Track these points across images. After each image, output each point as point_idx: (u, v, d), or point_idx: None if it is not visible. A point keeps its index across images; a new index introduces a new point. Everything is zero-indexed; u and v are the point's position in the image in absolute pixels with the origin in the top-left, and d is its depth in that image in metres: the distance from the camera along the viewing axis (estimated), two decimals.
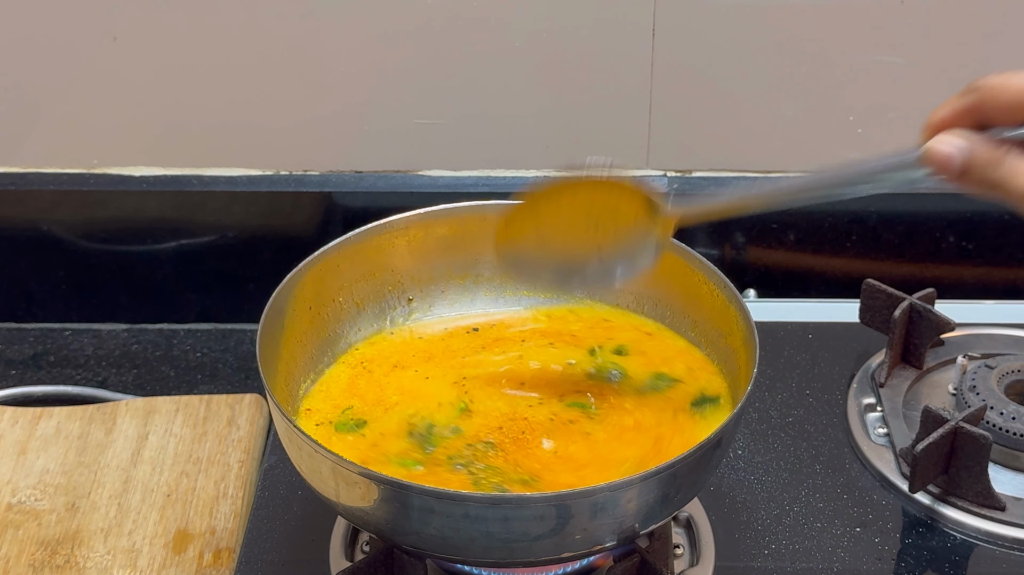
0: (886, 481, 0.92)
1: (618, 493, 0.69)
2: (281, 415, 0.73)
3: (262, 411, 1.06)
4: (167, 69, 1.12)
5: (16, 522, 0.95)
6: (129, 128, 1.15)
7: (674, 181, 1.15)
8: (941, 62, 1.09)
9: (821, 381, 1.02)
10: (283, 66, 1.11)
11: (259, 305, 0.80)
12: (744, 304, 0.80)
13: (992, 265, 1.17)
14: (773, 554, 0.87)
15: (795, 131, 1.13)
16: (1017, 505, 0.89)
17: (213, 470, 1.00)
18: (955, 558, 0.86)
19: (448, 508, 0.68)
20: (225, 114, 1.14)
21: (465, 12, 1.08)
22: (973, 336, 1.04)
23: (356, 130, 1.14)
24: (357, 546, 0.87)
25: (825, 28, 1.08)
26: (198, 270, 1.20)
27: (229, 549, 0.93)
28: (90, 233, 1.19)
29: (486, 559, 0.73)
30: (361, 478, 0.69)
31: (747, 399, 0.74)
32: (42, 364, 1.18)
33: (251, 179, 1.16)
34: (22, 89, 1.13)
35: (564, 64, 1.11)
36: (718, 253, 1.18)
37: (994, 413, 0.92)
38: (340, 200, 1.16)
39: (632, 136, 1.14)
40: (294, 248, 0.88)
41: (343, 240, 0.87)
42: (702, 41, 1.09)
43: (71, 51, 1.11)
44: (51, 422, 1.05)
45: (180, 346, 1.20)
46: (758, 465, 0.94)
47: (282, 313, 0.82)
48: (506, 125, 1.14)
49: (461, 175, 1.16)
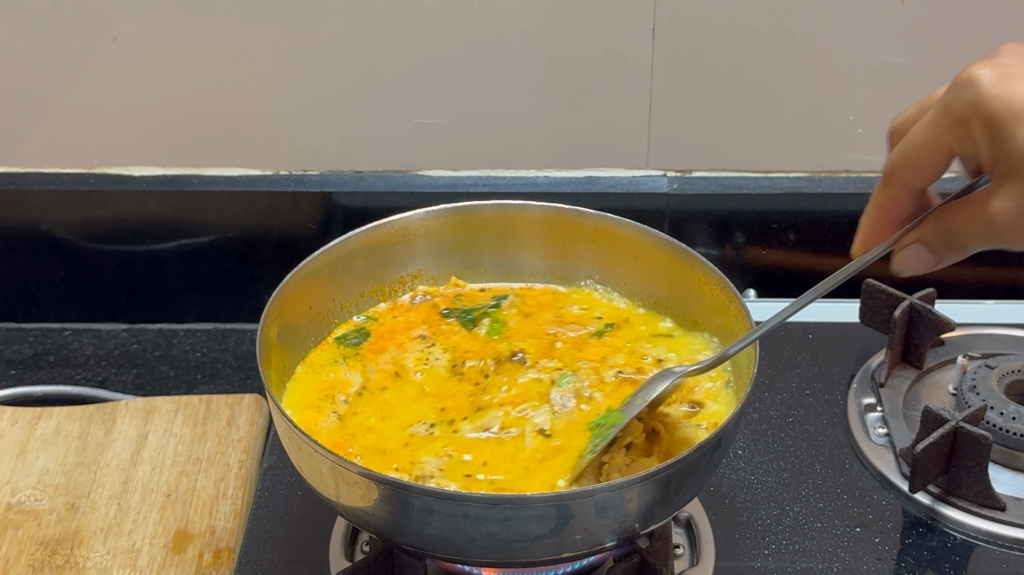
0: (886, 481, 0.92)
1: (618, 493, 0.69)
2: (281, 415, 0.73)
3: (262, 411, 1.06)
4: (167, 69, 1.12)
5: (16, 522, 0.95)
6: (129, 128, 1.15)
7: (674, 181, 1.16)
8: (941, 62, 1.09)
9: (821, 381, 1.02)
10: (283, 66, 1.11)
11: (259, 305, 0.80)
12: (744, 304, 0.80)
13: (992, 265, 1.17)
14: (773, 554, 0.87)
15: (795, 131, 1.13)
16: (1017, 505, 0.89)
17: (213, 470, 1.00)
18: (955, 558, 0.86)
19: (448, 508, 0.68)
20: (225, 114, 1.14)
21: (465, 12, 1.08)
22: (973, 336, 1.04)
23: (356, 130, 1.14)
24: (357, 546, 0.87)
25: (825, 28, 1.08)
26: (198, 270, 1.20)
27: (229, 549, 0.93)
28: (90, 233, 1.19)
29: (486, 559, 0.73)
30: (361, 478, 0.69)
31: (747, 399, 0.74)
32: (42, 364, 1.18)
33: (251, 179, 1.16)
34: (22, 89, 1.13)
35: (564, 64, 1.11)
36: (718, 253, 1.18)
37: (994, 413, 0.92)
38: (340, 200, 1.16)
39: (632, 136, 1.14)
40: (294, 248, 0.88)
41: (343, 240, 0.87)
42: (702, 41, 1.09)
43: (71, 51, 1.11)
44: (51, 422, 1.05)
45: (180, 346, 1.20)
46: (758, 465, 0.94)
47: (282, 313, 0.82)
48: (506, 125, 1.14)
49: (461, 175, 1.16)
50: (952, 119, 0.61)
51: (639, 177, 1.16)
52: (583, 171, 1.16)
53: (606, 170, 1.16)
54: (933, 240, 0.65)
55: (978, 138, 0.61)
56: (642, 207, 1.15)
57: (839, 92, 1.11)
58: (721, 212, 1.16)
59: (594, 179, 1.16)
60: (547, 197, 1.01)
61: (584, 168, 1.16)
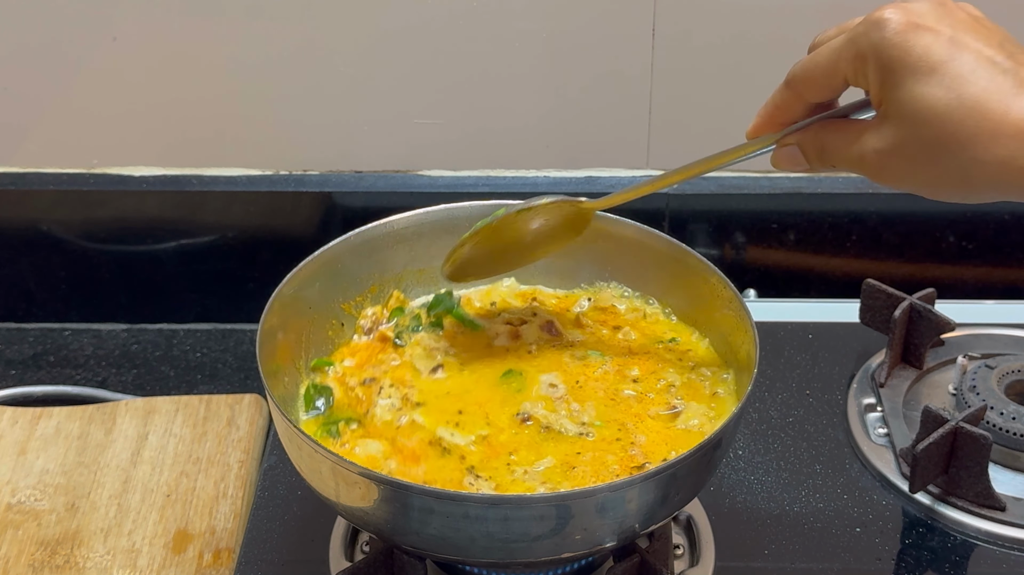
0: (886, 481, 0.92)
1: (618, 493, 0.69)
2: (281, 415, 0.73)
3: (262, 411, 1.06)
4: (167, 69, 1.12)
5: (16, 522, 0.95)
6: (129, 128, 1.15)
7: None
8: None
9: (821, 381, 1.02)
10: (283, 66, 1.11)
11: (259, 305, 0.80)
12: (744, 304, 0.80)
13: (992, 265, 1.17)
14: (773, 554, 0.87)
15: None
16: (1017, 505, 0.89)
17: (213, 470, 1.00)
18: (955, 558, 0.86)
19: (448, 508, 0.68)
20: (225, 114, 1.14)
21: (465, 12, 1.08)
22: (973, 336, 1.04)
23: (356, 130, 1.14)
24: (357, 546, 0.87)
25: (825, 28, 1.08)
26: (198, 270, 1.20)
27: (229, 549, 0.93)
28: (90, 233, 1.19)
29: (486, 559, 0.73)
30: (361, 478, 0.69)
31: (747, 399, 0.74)
32: (42, 364, 1.18)
33: (251, 179, 1.16)
34: (22, 89, 1.13)
35: (564, 64, 1.11)
36: (718, 253, 1.18)
37: (994, 413, 0.92)
38: (340, 200, 1.16)
39: (632, 136, 1.14)
40: (294, 248, 0.88)
41: (343, 240, 0.87)
42: (702, 41, 1.09)
43: (71, 51, 1.11)
44: (51, 422, 1.05)
45: (180, 346, 1.20)
46: (758, 465, 0.94)
47: (282, 313, 0.82)
48: (506, 125, 1.14)
49: (461, 175, 1.16)
50: (853, 52, 0.64)
51: (639, 177, 1.16)
52: (583, 171, 1.16)
53: (606, 170, 1.16)
54: (809, 149, 0.69)
55: (871, 78, 0.63)
56: (642, 207, 1.15)
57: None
58: (721, 212, 1.16)
59: (594, 179, 1.16)
60: None
61: (584, 168, 1.16)
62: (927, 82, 0.61)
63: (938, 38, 0.61)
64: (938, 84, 0.61)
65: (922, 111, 0.61)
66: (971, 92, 0.60)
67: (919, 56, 0.61)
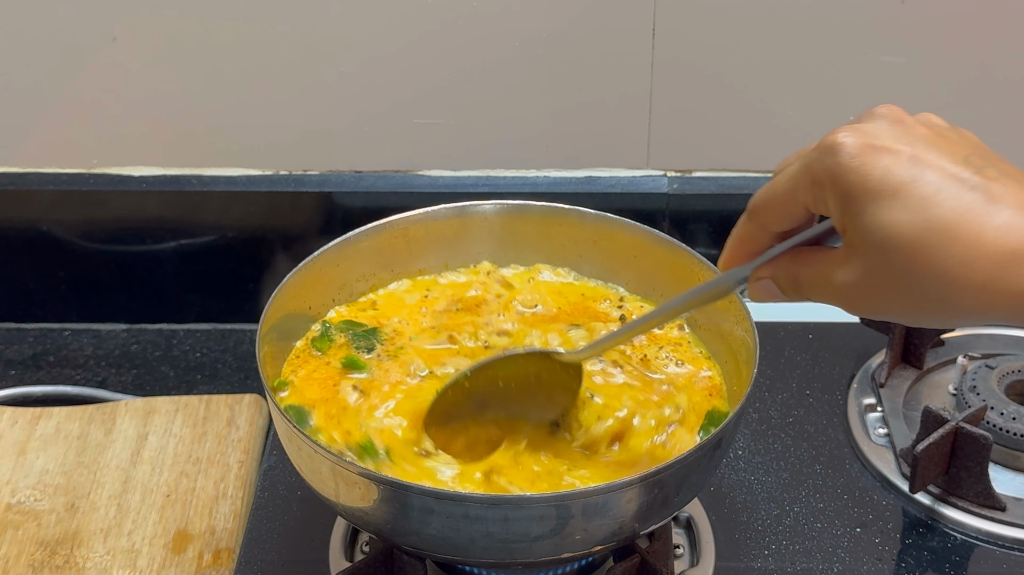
0: (886, 481, 0.92)
1: (618, 494, 0.69)
2: (281, 415, 0.73)
3: (262, 411, 1.06)
4: (167, 69, 1.12)
5: (16, 522, 0.95)
6: (129, 128, 1.15)
7: (674, 181, 1.16)
8: (941, 62, 1.09)
9: (821, 381, 1.02)
10: (283, 66, 1.11)
11: (259, 305, 0.80)
12: (744, 304, 0.80)
13: None
14: (773, 554, 0.87)
15: (795, 131, 1.13)
16: (1017, 505, 0.89)
17: (213, 470, 1.00)
18: (955, 558, 0.86)
19: (448, 508, 0.68)
20: (225, 114, 1.14)
21: (465, 12, 1.08)
22: (973, 336, 1.04)
23: (356, 130, 1.14)
24: (357, 546, 0.87)
25: (825, 28, 1.08)
26: (198, 270, 1.20)
27: (229, 549, 0.93)
28: (90, 233, 1.19)
29: (486, 559, 0.73)
30: (361, 478, 0.69)
31: (747, 399, 0.74)
32: (42, 364, 1.18)
33: (251, 179, 1.16)
34: (22, 89, 1.13)
35: (564, 64, 1.11)
36: (718, 253, 1.17)
37: (994, 413, 0.92)
38: (340, 200, 1.16)
39: (632, 136, 1.14)
40: (294, 248, 0.88)
41: (343, 240, 0.87)
42: (702, 41, 1.09)
43: (71, 51, 1.11)
44: (51, 422, 1.05)
45: (180, 346, 1.20)
46: (758, 465, 0.94)
47: (282, 313, 0.82)
48: (506, 125, 1.14)
49: (461, 175, 1.16)
50: (810, 180, 0.60)
51: (639, 177, 1.16)
52: (583, 171, 1.16)
53: (606, 170, 1.16)
54: (782, 282, 0.65)
55: (831, 205, 0.59)
56: (642, 207, 1.15)
57: (838, 92, 1.11)
58: (721, 212, 1.16)
59: (594, 179, 1.16)
60: (547, 197, 1.01)
61: (584, 168, 1.16)
62: (891, 207, 0.56)
63: (898, 159, 0.57)
64: (903, 208, 0.56)
65: (890, 239, 0.57)
66: (939, 214, 0.55)
67: (879, 180, 0.57)
